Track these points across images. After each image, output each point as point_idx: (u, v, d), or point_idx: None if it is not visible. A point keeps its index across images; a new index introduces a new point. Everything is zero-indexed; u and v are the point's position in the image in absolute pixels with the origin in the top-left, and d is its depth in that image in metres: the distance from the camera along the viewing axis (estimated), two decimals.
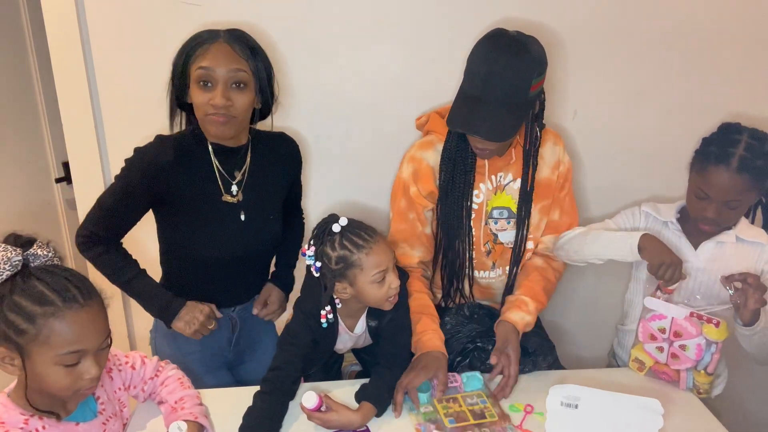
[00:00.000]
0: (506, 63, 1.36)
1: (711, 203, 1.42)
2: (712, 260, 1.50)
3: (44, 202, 2.22)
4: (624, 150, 1.99)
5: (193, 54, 1.34)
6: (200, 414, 1.26)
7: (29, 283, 0.98)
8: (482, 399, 1.40)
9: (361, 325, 1.52)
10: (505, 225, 1.62)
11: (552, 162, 1.62)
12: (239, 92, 1.35)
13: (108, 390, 1.21)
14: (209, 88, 1.33)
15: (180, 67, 1.36)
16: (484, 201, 1.59)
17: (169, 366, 1.36)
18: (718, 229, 1.49)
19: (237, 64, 1.34)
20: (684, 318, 1.40)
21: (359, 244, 1.33)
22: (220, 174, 1.44)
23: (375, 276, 1.34)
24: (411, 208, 1.60)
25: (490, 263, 1.67)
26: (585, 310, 2.18)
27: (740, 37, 1.88)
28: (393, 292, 1.38)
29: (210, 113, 1.33)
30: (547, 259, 1.67)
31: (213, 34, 1.36)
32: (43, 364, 0.99)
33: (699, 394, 1.45)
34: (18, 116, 2.08)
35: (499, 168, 1.58)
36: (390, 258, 1.37)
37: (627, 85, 1.91)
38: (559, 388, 1.26)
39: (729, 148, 1.39)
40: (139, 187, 1.38)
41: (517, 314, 1.51)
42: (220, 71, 1.32)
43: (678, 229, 1.54)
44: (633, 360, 1.53)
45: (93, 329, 1.02)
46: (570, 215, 1.68)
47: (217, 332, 1.55)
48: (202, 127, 1.40)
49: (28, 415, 1.04)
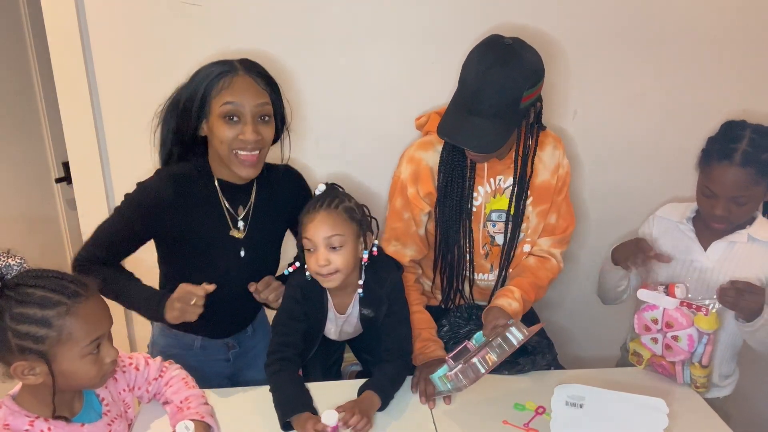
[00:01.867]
0: (496, 76, 1.35)
1: (718, 200, 1.42)
2: (723, 260, 1.49)
3: (44, 202, 2.22)
4: (624, 151, 1.99)
5: (214, 87, 1.31)
6: (206, 413, 1.26)
7: (23, 292, 0.99)
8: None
9: (351, 310, 1.51)
10: (503, 228, 1.61)
11: (552, 166, 1.61)
12: (265, 125, 1.35)
13: (112, 391, 1.22)
14: (235, 122, 1.31)
15: (199, 101, 1.32)
16: (483, 204, 1.59)
17: (173, 366, 1.35)
18: (731, 227, 1.48)
19: (262, 98, 1.33)
20: (674, 308, 1.41)
21: (307, 208, 1.38)
22: (227, 210, 1.43)
23: (306, 241, 1.36)
24: (407, 208, 1.60)
25: (489, 265, 1.66)
26: (585, 310, 2.18)
27: (741, 37, 1.88)
28: (317, 269, 1.35)
29: (237, 148, 1.32)
30: (541, 260, 1.66)
31: (230, 66, 1.33)
32: (71, 361, 1.02)
33: (697, 388, 1.45)
34: (18, 116, 2.08)
35: (498, 171, 1.57)
36: (319, 235, 1.34)
37: (627, 86, 1.91)
38: (563, 388, 1.26)
39: (732, 144, 1.39)
40: (139, 224, 1.39)
41: (504, 300, 1.53)
42: (248, 106, 1.31)
43: (690, 229, 1.54)
44: (632, 354, 1.54)
45: (102, 314, 1.07)
46: (566, 219, 1.67)
47: (213, 357, 1.57)
48: (223, 164, 1.37)
49: (33, 417, 1.05)
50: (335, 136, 1.89)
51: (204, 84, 1.32)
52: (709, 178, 1.43)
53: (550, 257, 1.67)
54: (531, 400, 1.40)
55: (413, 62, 1.81)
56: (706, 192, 1.44)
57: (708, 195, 1.44)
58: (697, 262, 1.51)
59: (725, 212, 1.42)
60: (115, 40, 1.71)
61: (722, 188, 1.40)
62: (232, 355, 1.61)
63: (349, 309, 1.51)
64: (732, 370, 1.61)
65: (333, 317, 1.52)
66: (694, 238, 1.53)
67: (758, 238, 1.47)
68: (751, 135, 1.39)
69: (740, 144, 1.38)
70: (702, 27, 1.85)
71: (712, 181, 1.42)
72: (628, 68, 1.89)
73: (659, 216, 1.61)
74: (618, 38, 1.85)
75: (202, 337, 1.56)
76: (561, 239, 1.68)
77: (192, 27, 1.71)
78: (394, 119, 1.85)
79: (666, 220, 1.59)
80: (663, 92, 1.93)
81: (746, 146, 1.38)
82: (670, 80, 1.91)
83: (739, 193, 1.40)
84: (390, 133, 1.86)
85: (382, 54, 1.80)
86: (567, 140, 1.92)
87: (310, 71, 1.80)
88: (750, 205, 1.43)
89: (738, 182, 1.39)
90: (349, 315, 1.52)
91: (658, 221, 1.61)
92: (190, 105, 1.33)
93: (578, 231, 2.03)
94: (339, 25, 1.76)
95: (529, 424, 1.34)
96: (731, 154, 1.38)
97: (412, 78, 1.83)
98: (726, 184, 1.39)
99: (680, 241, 1.53)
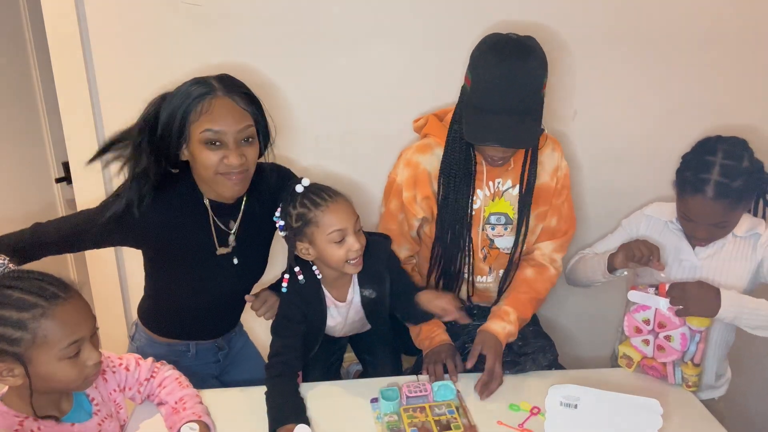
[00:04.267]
0: (519, 72, 1.35)
1: (698, 225, 1.45)
2: (711, 257, 1.52)
3: (44, 202, 2.22)
4: (624, 151, 1.99)
5: (191, 111, 1.24)
6: (203, 413, 1.26)
7: (1, 294, 0.99)
8: (450, 409, 1.35)
9: (351, 295, 1.51)
10: (502, 231, 1.61)
11: (551, 168, 1.61)
12: (249, 146, 1.30)
13: (102, 391, 1.21)
14: (218, 147, 1.26)
15: (178, 127, 1.26)
16: (482, 207, 1.58)
17: (165, 367, 1.35)
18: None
19: (244, 121, 1.27)
20: (667, 308, 1.42)
21: (317, 202, 1.36)
22: (216, 227, 1.40)
23: (332, 234, 1.35)
24: (401, 211, 1.61)
25: (487, 268, 1.67)
26: (585, 310, 2.18)
27: (741, 38, 1.88)
28: (354, 255, 1.38)
29: (223, 172, 1.28)
30: (539, 270, 1.66)
31: (207, 86, 1.26)
32: (48, 364, 1.01)
33: (688, 387, 1.46)
34: (18, 116, 2.08)
35: (497, 174, 1.57)
36: (351, 220, 1.38)
37: (627, 86, 1.91)
38: (558, 388, 1.26)
39: (703, 175, 1.39)
40: (128, 243, 1.40)
41: (498, 324, 1.53)
42: (230, 132, 1.25)
43: (678, 229, 1.55)
44: (621, 357, 1.54)
45: (83, 317, 1.05)
46: (567, 222, 1.67)
47: (204, 360, 1.57)
48: (209, 186, 1.33)
49: (22, 417, 1.05)
50: (335, 136, 1.89)
51: (182, 108, 1.25)
52: (685, 207, 1.45)
53: (549, 265, 1.67)
54: (526, 401, 1.41)
55: (413, 62, 1.82)
56: (685, 217, 1.47)
57: (687, 220, 1.47)
58: (686, 261, 1.54)
59: (707, 235, 1.46)
60: (115, 40, 1.72)
61: (700, 218, 1.43)
62: (221, 356, 1.62)
63: (350, 294, 1.51)
64: (725, 369, 1.62)
65: (334, 308, 1.52)
66: (682, 237, 1.55)
67: (740, 234, 1.50)
68: (721, 162, 1.38)
69: (711, 174, 1.38)
70: (701, 28, 1.85)
71: (689, 210, 1.44)
72: (628, 68, 1.89)
73: (648, 214, 1.62)
74: (618, 39, 1.85)
75: (196, 342, 1.55)
76: (562, 243, 1.68)
77: (192, 27, 1.72)
78: (394, 119, 1.85)
79: (655, 219, 1.61)
80: (663, 92, 1.93)
81: (717, 176, 1.38)
82: (670, 80, 1.91)
83: (718, 220, 1.42)
84: (389, 133, 1.86)
85: (381, 54, 1.80)
86: (567, 140, 1.92)
87: (310, 71, 1.80)
88: (730, 226, 1.47)
89: (715, 213, 1.41)
90: (351, 301, 1.52)
91: (647, 219, 1.63)
92: (168, 131, 1.27)
93: (578, 231, 2.03)
94: (339, 25, 1.76)
95: (523, 424, 1.34)
96: (703, 186, 1.39)
97: (412, 78, 1.83)
98: (703, 216, 1.42)
99: (669, 239, 1.56)
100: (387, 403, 1.35)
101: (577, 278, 1.70)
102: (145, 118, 1.29)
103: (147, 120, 1.29)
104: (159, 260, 1.42)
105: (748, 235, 1.49)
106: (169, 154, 1.30)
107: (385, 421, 1.33)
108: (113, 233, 1.34)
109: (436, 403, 1.38)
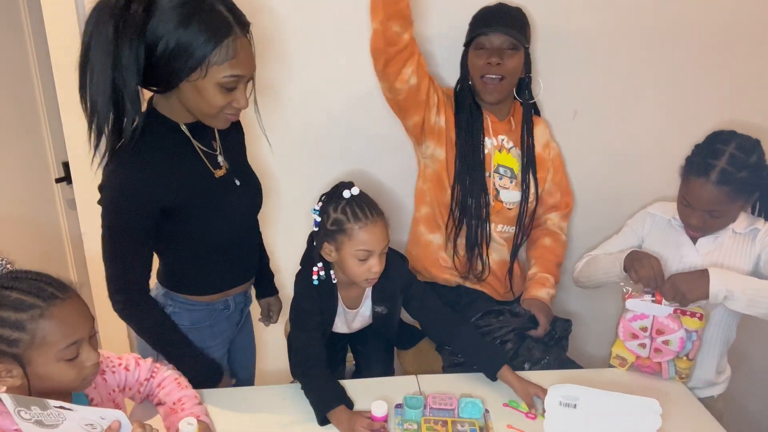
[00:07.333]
0: (507, 7, 1.66)
1: (694, 211, 1.47)
2: (711, 254, 1.54)
3: (44, 202, 2.22)
4: (624, 152, 1.99)
5: (214, 52, 1.15)
6: (202, 413, 1.26)
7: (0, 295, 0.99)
8: (473, 428, 1.30)
9: (363, 307, 1.54)
10: (508, 183, 1.74)
11: (542, 141, 1.81)
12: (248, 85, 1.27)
13: (102, 392, 1.21)
14: (231, 90, 1.22)
15: (193, 61, 1.15)
16: (490, 154, 1.72)
17: (164, 367, 1.34)
18: (706, 234, 1.53)
19: (254, 62, 1.24)
20: (666, 316, 1.43)
21: (358, 216, 1.36)
22: (203, 153, 1.35)
23: (359, 252, 1.37)
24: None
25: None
26: (585, 310, 2.19)
27: (742, 38, 1.88)
28: (372, 275, 1.40)
29: (228, 113, 1.25)
30: (554, 237, 1.85)
31: (228, 26, 1.16)
32: (46, 365, 1.00)
33: (681, 379, 1.50)
34: (18, 116, 2.08)
35: (500, 131, 1.73)
36: (381, 244, 1.39)
37: (627, 86, 1.91)
38: (557, 388, 1.26)
39: (711, 160, 1.41)
40: (149, 221, 1.29)
41: (542, 290, 1.72)
42: (248, 75, 1.23)
43: (680, 225, 1.58)
44: (614, 357, 1.56)
45: (81, 317, 1.04)
46: (567, 195, 1.89)
47: (234, 317, 1.55)
48: (193, 115, 1.27)
49: None
50: (335, 136, 1.89)
51: (201, 44, 1.14)
52: (686, 189, 1.47)
53: (560, 233, 1.87)
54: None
55: None
56: (683, 201, 1.49)
57: (685, 204, 1.48)
58: (687, 257, 1.56)
59: (700, 223, 1.47)
60: None
61: (697, 202, 1.45)
62: (243, 316, 1.61)
63: (362, 306, 1.54)
64: (725, 365, 1.64)
65: (342, 312, 1.54)
66: (683, 233, 1.57)
67: (740, 231, 1.51)
68: (732, 151, 1.41)
69: (719, 161, 1.40)
70: (702, 28, 1.86)
71: (688, 193, 1.46)
72: (628, 68, 1.89)
73: (651, 213, 1.67)
74: (618, 38, 1.85)
75: (233, 295, 1.51)
76: (566, 213, 1.90)
77: None
78: (394, 119, 1.85)
79: (658, 217, 1.65)
80: (663, 92, 1.93)
81: (725, 164, 1.40)
82: (671, 81, 1.91)
83: (714, 207, 1.44)
84: (389, 133, 1.87)
85: None
86: (567, 140, 1.93)
87: (310, 71, 1.80)
88: (725, 218, 1.48)
89: (713, 199, 1.42)
90: (359, 311, 1.54)
91: (651, 218, 1.67)
92: (164, 59, 1.14)
93: (578, 231, 2.04)
94: (339, 24, 1.76)
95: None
96: (709, 171, 1.40)
97: None
98: (701, 199, 1.43)
99: (671, 236, 1.60)
100: (410, 411, 1.33)
101: (588, 280, 1.71)
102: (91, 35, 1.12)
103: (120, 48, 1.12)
104: (174, 213, 1.31)
105: (747, 231, 1.51)
106: (150, 85, 1.21)
107: (404, 429, 1.31)
108: (143, 219, 1.27)
109: (460, 419, 1.34)
